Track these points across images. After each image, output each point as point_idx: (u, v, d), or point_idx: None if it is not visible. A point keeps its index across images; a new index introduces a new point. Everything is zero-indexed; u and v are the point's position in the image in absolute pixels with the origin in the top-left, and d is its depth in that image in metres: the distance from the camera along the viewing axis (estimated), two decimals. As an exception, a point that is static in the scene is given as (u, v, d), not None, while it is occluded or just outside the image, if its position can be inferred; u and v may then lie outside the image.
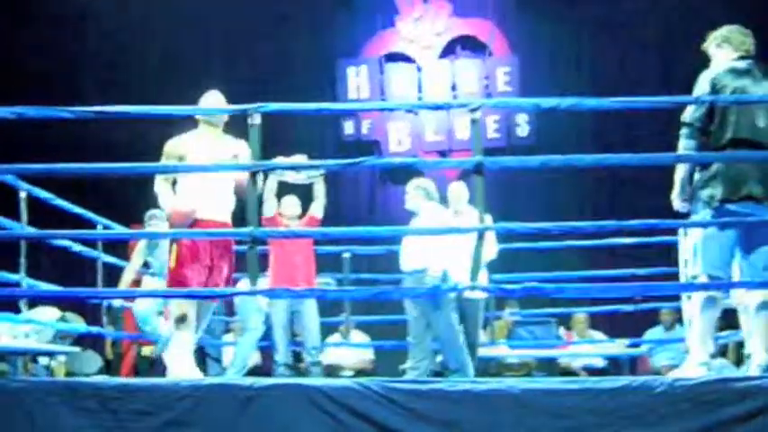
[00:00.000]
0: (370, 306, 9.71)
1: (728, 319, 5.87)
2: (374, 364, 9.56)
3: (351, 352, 9.45)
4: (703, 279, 4.85)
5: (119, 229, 7.99)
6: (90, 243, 7.56)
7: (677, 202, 5.09)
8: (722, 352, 8.21)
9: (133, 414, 4.20)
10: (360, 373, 9.11)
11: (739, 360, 7.75)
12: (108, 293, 7.55)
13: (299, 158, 6.93)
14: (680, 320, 8.04)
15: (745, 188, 4.77)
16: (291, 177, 7.33)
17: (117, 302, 8.12)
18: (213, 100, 5.73)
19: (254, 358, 8.71)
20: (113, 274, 7.89)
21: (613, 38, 12.35)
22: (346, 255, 8.53)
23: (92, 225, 7.53)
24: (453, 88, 12.54)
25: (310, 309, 7.50)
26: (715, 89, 4.90)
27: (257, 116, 5.02)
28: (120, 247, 9.01)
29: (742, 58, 5.02)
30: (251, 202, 5.08)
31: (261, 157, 5.11)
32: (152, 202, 6.43)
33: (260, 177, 5.13)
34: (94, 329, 7.81)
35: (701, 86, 4.96)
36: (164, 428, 4.15)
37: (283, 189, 7.66)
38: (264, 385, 4.27)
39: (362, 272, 8.84)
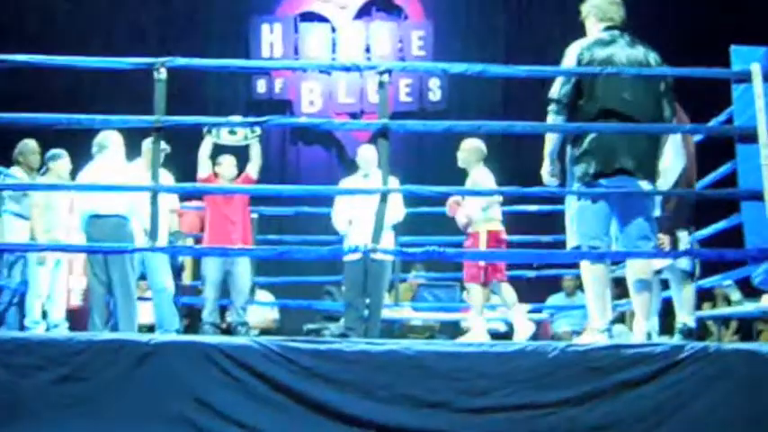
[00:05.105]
0: (278, 267, 9.70)
1: (625, 287, 5.99)
2: (278, 324, 9.55)
3: (255, 311, 9.41)
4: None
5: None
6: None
7: (546, 177, 5.10)
8: (621, 319, 8.37)
9: (26, 368, 4.11)
10: (264, 332, 9.09)
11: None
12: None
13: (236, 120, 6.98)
14: (581, 287, 8.15)
15: (617, 162, 4.81)
16: (227, 139, 7.29)
17: None
18: None
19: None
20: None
21: (526, 4, 12.44)
22: (254, 215, 8.48)
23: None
24: (367, 50, 12.55)
25: (242, 269, 7.45)
26: (581, 62, 4.91)
27: (163, 70, 4.95)
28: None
29: (608, 28, 5.01)
30: (155, 159, 5.03)
31: (166, 114, 5.03)
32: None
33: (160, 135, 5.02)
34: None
35: (569, 59, 4.96)
36: (57, 383, 4.07)
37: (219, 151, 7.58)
38: (162, 342, 4.23)
39: (271, 233, 8.83)
